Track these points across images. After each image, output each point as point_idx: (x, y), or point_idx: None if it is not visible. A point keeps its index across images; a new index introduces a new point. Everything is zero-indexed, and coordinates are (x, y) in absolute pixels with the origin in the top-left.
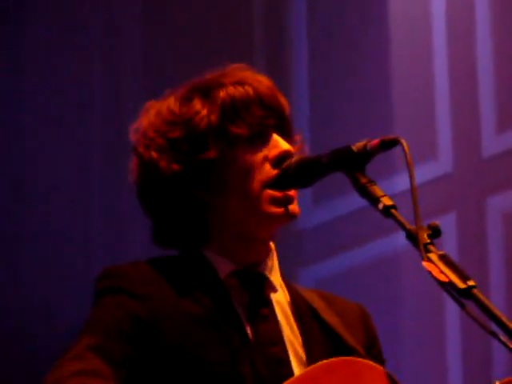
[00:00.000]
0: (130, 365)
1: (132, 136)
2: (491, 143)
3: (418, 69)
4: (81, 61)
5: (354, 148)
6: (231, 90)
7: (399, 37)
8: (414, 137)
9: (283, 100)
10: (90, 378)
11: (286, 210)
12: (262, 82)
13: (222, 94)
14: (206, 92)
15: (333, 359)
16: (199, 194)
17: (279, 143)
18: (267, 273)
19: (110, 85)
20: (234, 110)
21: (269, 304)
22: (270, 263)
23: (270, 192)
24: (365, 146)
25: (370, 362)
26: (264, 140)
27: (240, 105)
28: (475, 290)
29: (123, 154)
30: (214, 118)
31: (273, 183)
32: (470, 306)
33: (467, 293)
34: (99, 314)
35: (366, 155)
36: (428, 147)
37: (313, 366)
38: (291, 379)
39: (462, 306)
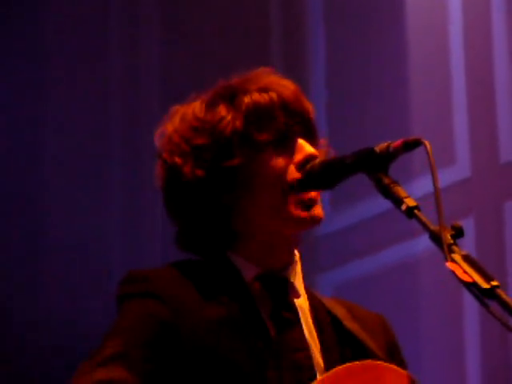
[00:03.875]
0: (155, 371)
1: (157, 141)
2: (508, 149)
3: (435, 74)
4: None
5: (377, 149)
6: (256, 96)
7: (416, 40)
8: (432, 142)
9: (308, 104)
10: None
11: (311, 213)
12: (287, 86)
13: (246, 100)
14: (231, 98)
15: (353, 363)
16: (224, 198)
17: (304, 147)
18: (291, 278)
19: (128, 90)
20: (258, 116)
21: (293, 309)
22: (294, 268)
23: (295, 195)
24: (387, 147)
25: (391, 365)
26: (289, 145)
27: (264, 111)
28: (499, 290)
29: (142, 158)
30: (238, 123)
31: (297, 185)
32: (494, 306)
33: (491, 293)
34: (124, 320)
35: (389, 156)
36: (446, 152)
37: (333, 370)
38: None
39: (486, 307)
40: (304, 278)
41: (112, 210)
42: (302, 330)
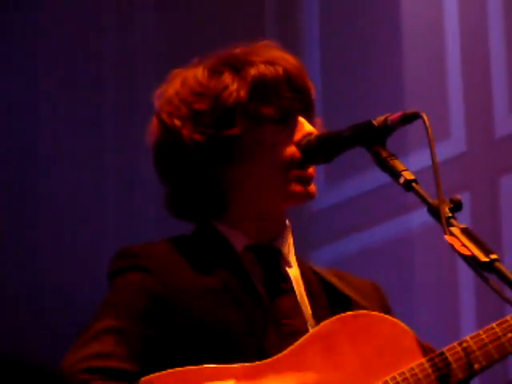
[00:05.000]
0: (147, 343)
1: (155, 101)
2: (504, 123)
3: (430, 49)
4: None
5: (375, 122)
6: (262, 68)
7: (411, 15)
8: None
9: (309, 81)
10: (105, 360)
11: (307, 189)
12: (291, 62)
13: (252, 71)
14: (237, 67)
15: (342, 314)
16: (219, 166)
17: (304, 125)
18: (282, 248)
19: (122, 59)
20: (263, 89)
21: (285, 278)
22: (285, 239)
23: (294, 171)
24: (385, 120)
25: (381, 314)
26: (290, 121)
27: (270, 84)
28: (498, 264)
29: (137, 127)
30: (243, 94)
31: (297, 162)
32: (493, 279)
33: (490, 266)
34: (116, 294)
35: (387, 129)
36: (441, 127)
37: (324, 322)
38: (304, 337)
39: (485, 280)
40: (296, 248)
41: (106, 192)
42: (295, 298)
